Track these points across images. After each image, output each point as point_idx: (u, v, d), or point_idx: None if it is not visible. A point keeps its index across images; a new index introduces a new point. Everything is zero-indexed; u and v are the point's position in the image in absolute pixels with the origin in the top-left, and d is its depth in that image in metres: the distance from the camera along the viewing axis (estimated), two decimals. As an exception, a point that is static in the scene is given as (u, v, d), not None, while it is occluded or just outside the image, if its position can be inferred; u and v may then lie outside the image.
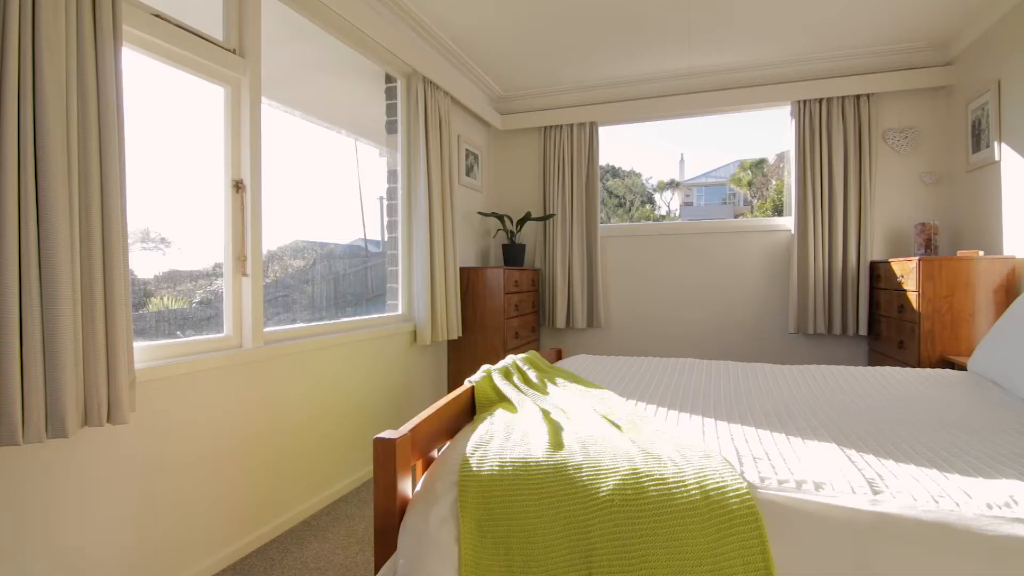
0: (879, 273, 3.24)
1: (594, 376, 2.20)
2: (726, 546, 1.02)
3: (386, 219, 3.19)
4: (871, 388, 1.98)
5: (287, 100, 2.87)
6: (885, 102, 3.42)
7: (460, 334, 3.36)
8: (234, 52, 1.97)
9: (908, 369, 2.28)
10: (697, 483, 1.10)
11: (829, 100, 3.42)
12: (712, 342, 3.81)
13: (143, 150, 1.93)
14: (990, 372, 2.02)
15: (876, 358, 3.29)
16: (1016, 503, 1.02)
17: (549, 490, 1.16)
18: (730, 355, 3.74)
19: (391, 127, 3.17)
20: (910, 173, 3.40)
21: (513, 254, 3.85)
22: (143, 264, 2.05)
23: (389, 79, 3.16)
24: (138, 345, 1.70)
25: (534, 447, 1.28)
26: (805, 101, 3.46)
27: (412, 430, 1.31)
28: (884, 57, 3.34)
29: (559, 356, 2.70)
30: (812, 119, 3.45)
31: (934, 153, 3.36)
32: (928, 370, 2.26)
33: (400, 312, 3.11)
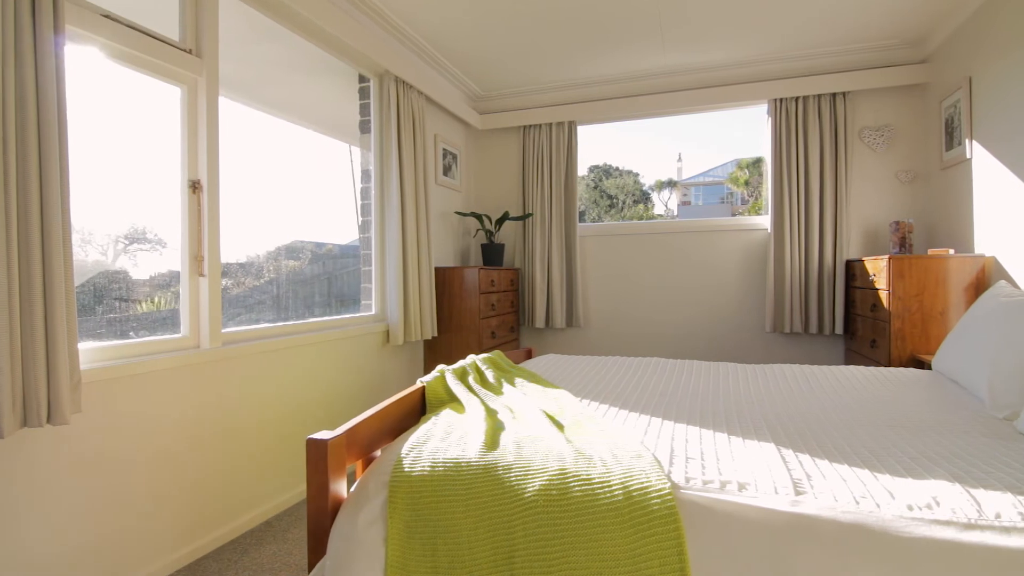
0: (854, 272, 3.23)
1: (558, 376, 2.20)
2: (644, 546, 1.01)
3: (360, 219, 3.19)
4: (830, 388, 1.98)
5: (267, 101, 2.89)
6: (861, 100, 3.41)
7: (435, 334, 3.36)
8: (190, 52, 1.97)
9: (872, 368, 2.27)
10: (622, 484, 1.10)
11: (805, 98, 3.41)
12: (690, 341, 3.80)
13: (133, 151, 1.94)
14: (951, 371, 2.01)
15: (852, 357, 3.28)
16: (938, 504, 1.01)
17: (477, 490, 1.16)
18: (708, 354, 3.73)
19: (365, 127, 3.17)
20: (886, 171, 3.39)
21: (492, 254, 3.85)
22: (140, 264, 2.06)
23: (363, 79, 3.16)
24: (91, 345, 1.70)
25: (469, 447, 1.27)
26: (781, 99, 3.45)
27: (348, 431, 1.31)
28: (860, 55, 3.33)
29: (529, 356, 2.69)
30: (788, 117, 3.44)
31: (910, 151, 3.35)
32: (892, 369, 2.25)
33: (374, 312, 3.10)
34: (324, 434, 1.25)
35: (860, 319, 3.12)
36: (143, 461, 1.78)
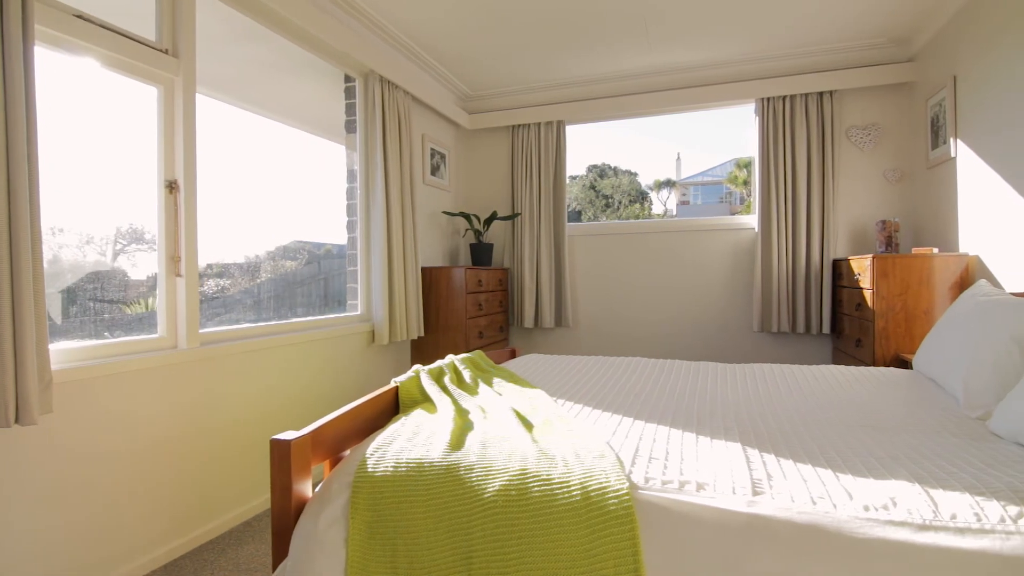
0: (841, 271, 3.22)
1: (538, 376, 2.19)
2: (600, 547, 1.01)
3: (346, 219, 3.18)
4: (807, 387, 1.97)
5: (260, 103, 2.90)
6: (848, 99, 3.40)
7: (422, 333, 3.35)
8: (166, 52, 1.96)
9: (853, 368, 2.27)
10: (581, 484, 1.09)
11: (792, 97, 3.40)
12: (678, 341, 3.80)
13: (127, 152, 1.96)
14: (930, 370, 2.01)
15: (839, 356, 3.28)
16: (895, 505, 1.00)
17: (438, 491, 1.15)
18: (696, 354, 3.73)
19: (350, 127, 3.17)
20: (874, 170, 3.38)
21: (480, 253, 3.84)
22: (139, 264, 2.07)
23: (348, 79, 3.15)
24: (66, 346, 1.70)
25: (433, 448, 1.27)
26: (768, 99, 3.44)
27: (314, 431, 1.30)
28: (847, 54, 3.32)
29: (513, 356, 2.69)
30: (776, 116, 3.43)
31: (897, 150, 3.35)
32: (872, 369, 2.24)
33: (359, 312, 3.10)
34: (288, 434, 1.24)
35: (847, 318, 3.11)
36: (119, 461, 1.78)
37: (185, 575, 1.83)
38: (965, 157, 2.67)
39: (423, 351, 3.49)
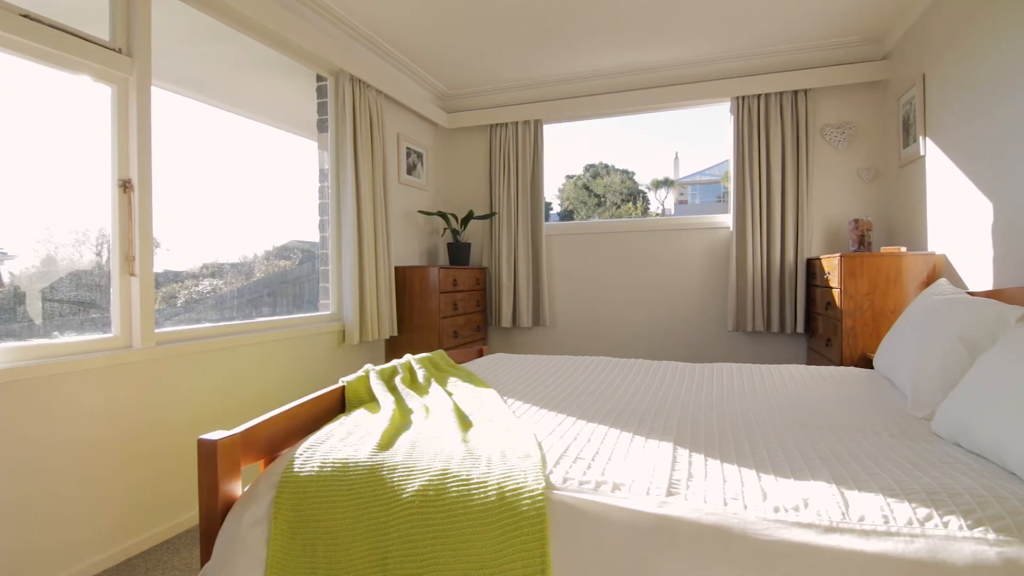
0: (814, 270, 3.21)
1: (498, 375, 2.19)
2: (510, 548, 1.01)
3: (317, 219, 3.18)
4: (762, 387, 1.96)
5: (237, 102, 2.90)
6: (823, 97, 3.39)
7: (394, 333, 3.35)
8: (120, 52, 1.96)
9: (814, 367, 2.26)
10: (498, 484, 1.09)
11: (767, 96, 3.39)
12: (654, 340, 3.79)
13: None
14: (887, 370, 2.00)
15: (812, 356, 3.27)
16: (806, 506, 1.00)
17: (359, 491, 1.15)
18: (672, 354, 3.72)
19: (322, 126, 3.16)
20: (848, 169, 3.37)
21: (458, 253, 3.84)
22: None
23: (320, 78, 3.15)
24: (13, 345, 1.69)
25: (362, 448, 1.27)
26: (743, 97, 3.43)
27: (246, 431, 1.30)
28: (821, 52, 3.31)
29: (480, 355, 2.69)
30: (751, 115, 3.42)
31: (871, 149, 3.33)
32: (834, 368, 2.24)
33: (331, 312, 3.10)
34: (216, 434, 1.24)
35: (821, 318, 3.10)
36: (70, 461, 1.78)
37: (137, 574, 1.83)
38: (933, 155, 2.66)
39: (397, 351, 3.49)
